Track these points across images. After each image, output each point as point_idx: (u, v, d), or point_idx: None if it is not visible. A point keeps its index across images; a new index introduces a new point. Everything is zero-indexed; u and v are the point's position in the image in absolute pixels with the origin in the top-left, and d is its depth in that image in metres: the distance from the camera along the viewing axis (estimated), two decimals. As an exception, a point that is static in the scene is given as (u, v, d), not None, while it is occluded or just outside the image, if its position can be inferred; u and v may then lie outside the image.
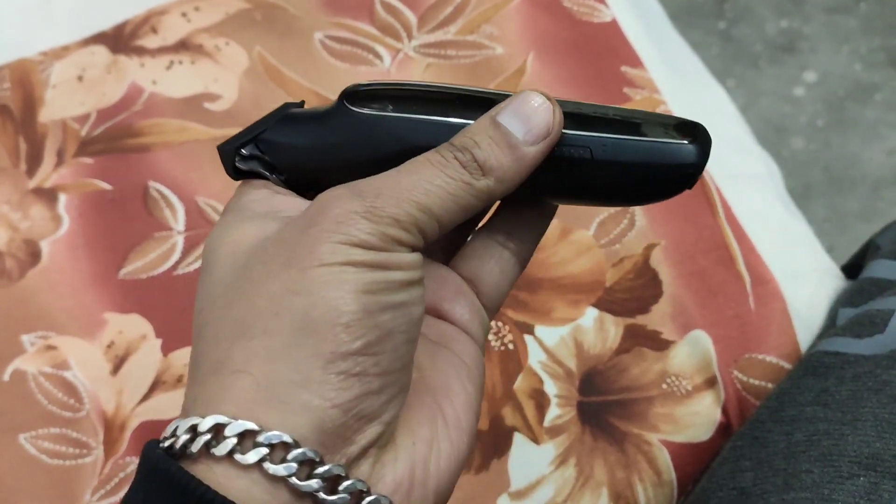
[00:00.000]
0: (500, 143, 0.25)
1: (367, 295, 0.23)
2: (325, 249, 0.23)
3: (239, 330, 0.24)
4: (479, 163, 0.25)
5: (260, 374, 0.23)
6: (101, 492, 0.40)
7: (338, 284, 0.23)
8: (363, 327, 0.23)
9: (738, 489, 0.36)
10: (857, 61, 1.11)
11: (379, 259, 0.23)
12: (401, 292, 0.24)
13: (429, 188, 0.24)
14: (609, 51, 0.51)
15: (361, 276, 0.23)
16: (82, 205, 0.46)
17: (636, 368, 0.43)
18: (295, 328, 0.23)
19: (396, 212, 0.24)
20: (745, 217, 0.47)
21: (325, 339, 0.23)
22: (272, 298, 0.23)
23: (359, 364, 0.23)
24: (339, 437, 0.23)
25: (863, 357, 0.38)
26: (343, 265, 0.23)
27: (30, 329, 0.43)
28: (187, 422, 0.23)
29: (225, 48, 0.50)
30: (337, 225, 0.23)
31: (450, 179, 0.24)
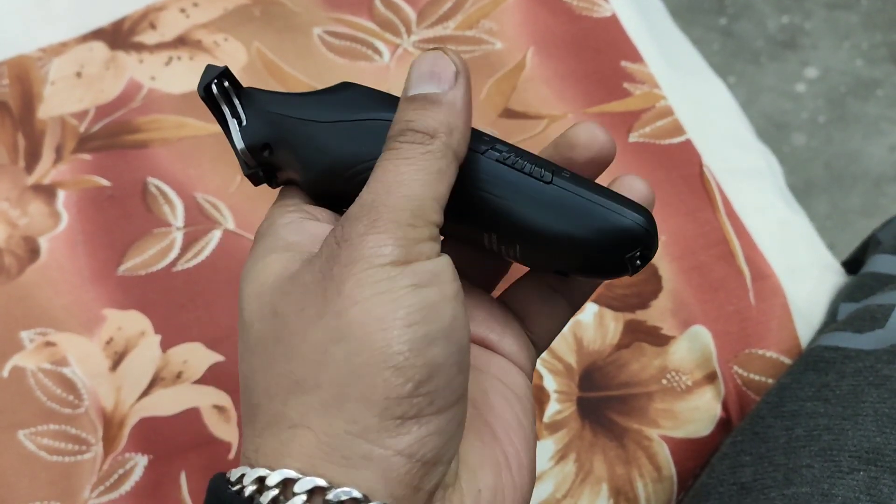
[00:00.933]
0: (425, 106, 0.25)
1: (410, 328, 0.23)
2: (350, 286, 0.23)
3: (291, 384, 0.23)
4: (422, 132, 0.25)
5: (319, 428, 0.23)
6: (101, 488, 0.40)
7: (377, 324, 0.23)
8: (412, 367, 0.23)
9: (738, 484, 0.36)
10: (858, 57, 1.10)
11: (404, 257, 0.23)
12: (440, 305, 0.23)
13: (402, 179, 0.24)
14: (609, 46, 0.50)
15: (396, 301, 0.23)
16: (81, 201, 0.46)
17: (636, 364, 0.43)
18: (344, 378, 0.23)
19: (394, 214, 0.24)
20: (746, 212, 0.47)
21: (375, 386, 0.22)
22: (316, 350, 0.23)
23: (414, 406, 0.23)
24: (407, 485, 0.23)
25: (863, 352, 0.38)
26: (374, 296, 0.23)
27: (29, 326, 0.43)
28: (255, 472, 0.23)
29: (224, 44, 0.50)
30: (352, 255, 0.23)
31: (410, 160, 0.25)
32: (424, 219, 0.24)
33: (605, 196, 0.26)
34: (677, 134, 0.48)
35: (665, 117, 0.49)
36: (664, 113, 0.49)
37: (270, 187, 0.29)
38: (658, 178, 0.47)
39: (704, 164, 0.47)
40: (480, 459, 0.25)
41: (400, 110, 0.26)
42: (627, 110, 0.49)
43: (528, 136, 0.48)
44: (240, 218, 0.46)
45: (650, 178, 0.47)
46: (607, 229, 0.26)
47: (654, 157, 0.48)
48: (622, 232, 0.26)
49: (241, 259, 0.45)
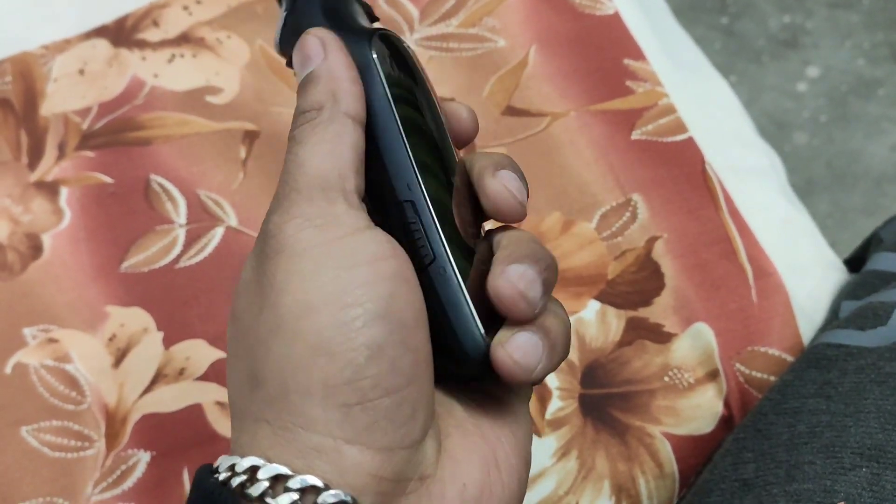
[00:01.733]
0: (306, 86, 0.26)
1: (341, 312, 0.22)
2: (280, 278, 0.23)
3: (249, 380, 0.24)
4: (308, 109, 0.26)
5: (273, 422, 0.23)
6: (103, 484, 0.40)
7: (307, 311, 0.23)
8: (347, 351, 0.22)
9: (740, 481, 0.36)
10: (859, 56, 1.10)
11: (325, 237, 0.23)
12: (372, 285, 0.23)
13: (302, 160, 0.25)
14: (611, 43, 0.50)
15: (323, 286, 0.23)
16: (84, 198, 0.46)
17: (638, 361, 0.43)
18: (283, 370, 0.23)
19: (305, 194, 0.24)
20: (748, 210, 0.47)
21: (312, 375, 0.22)
22: (260, 345, 0.23)
23: (356, 391, 0.22)
24: (364, 474, 0.22)
25: (866, 349, 0.38)
26: (301, 283, 0.23)
27: (31, 322, 0.43)
28: (229, 460, 0.23)
29: (226, 41, 0.50)
30: (275, 247, 0.24)
31: (306, 136, 0.25)
32: (337, 189, 0.24)
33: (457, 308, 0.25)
34: (679, 132, 0.48)
35: (667, 115, 0.49)
36: (666, 111, 0.49)
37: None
38: (660, 175, 0.47)
39: (707, 162, 0.47)
40: (467, 454, 0.25)
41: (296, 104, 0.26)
42: (630, 108, 0.49)
43: (530, 134, 0.48)
44: (242, 215, 0.46)
45: (652, 177, 0.47)
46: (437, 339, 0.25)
47: (656, 155, 0.48)
48: (445, 350, 0.25)
49: (243, 256, 0.45)
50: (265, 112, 0.48)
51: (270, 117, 0.48)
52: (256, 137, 0.48)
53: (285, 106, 0.49)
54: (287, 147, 0.26)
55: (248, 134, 0.48)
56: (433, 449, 0.24)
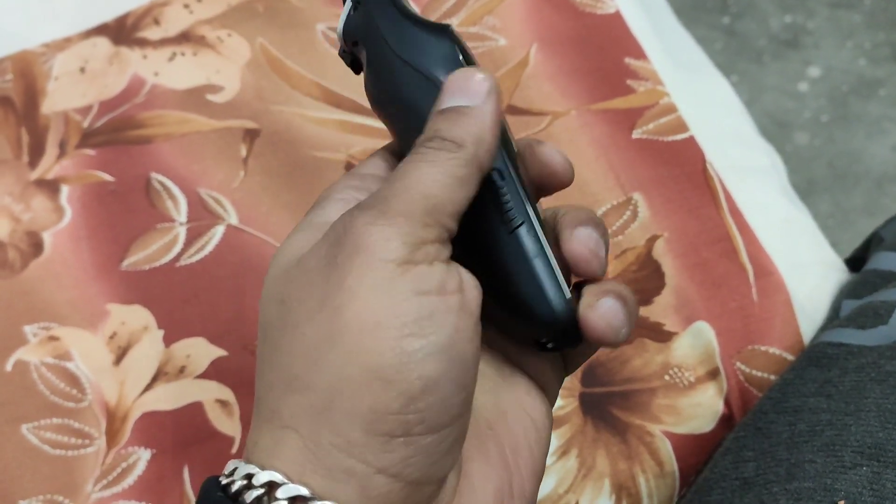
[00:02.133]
0: (455, 118, 0.25)
1: (406, 339, 0.22)
2: (352, 280, 0.22)
3: (286, 380, 0.23)
4: (448, 140, 0.25)
5: (306, 433, 0.22)
6: (104, 482, 0.40)
7: (372, 330, 0.22)
8: (403, 381, 0.22)
9: (740, 479, 0.36)
10: (861, 56, 1.10)
11: (409, 257, 0.23)
12: (441, 317, 0.22)
13: (421, 177, 0.24)
14: (612, 42, 0.50)
15: (394, 307, 0.22)
16: (84, 196, 0.46)
17: (638, 360, 0.43)
18: (333, 384, 0.22)
19: (406, 207, 0.23)
20: (749, 209, 0.47)
21: (363, 397, 0.22)
22: (310, 348, 0.22)
23: (402, 423, 0.22)
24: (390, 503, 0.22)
25: (866, 348, 0.38)
26: (372, 295, 0.22)
27: (32, 320, 0.43)
28: (246, 468, 0.22)
29: (227, 39, 0.50)
30: (356, 244, 0.23)
31: (434, 161, 0.24)
32: (437, 219, 0.24)
33: (546, 269, 0.26)
34: (680, 131, 0.48)
35: (668, 114, 0.49)
36: (667, 110, 0.49)
37: (354, 73, 0.29)
38: (661, 174, 0.47)
39: (707, 161, 0.47)
40: (484, 483, 0.25)
41: (430, 121, 0.26)
42: (631, 107, 0.49)
43: (532, 133, 0.48)
44: (243, 213, 0.46)
45: (653, 176, 0.47)
46: (523, 306, 0.26)
47: (657, 154, 0.48)
48: (533, 315, 0.26)
49: (244, 254, 0.45)
50: (266, 110, 0.48)
51: (271, 115, 0.48)
52: (257, 136, 0.48)
53: (286, 104, 0.49)
54: (410, 155, 0.25)
55: (248, 132, 0.48)
56: (455, 478, 0.24)
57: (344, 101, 0.49)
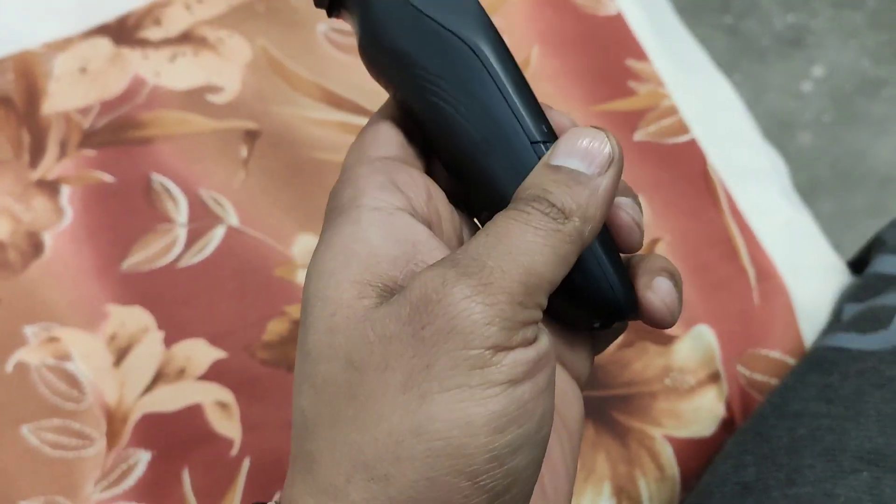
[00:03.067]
0: (568, 183, 0.23)
1: (498, 436, 0.20)
2: (442, 366, 0.20)
3: (358, 461, 0.21)
4: (558, 207, 0.23)
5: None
6: (104, 483, 0.40)
7: (464, 428, 0.20)
8: (492, 479, 0.21)
9: (740, 484, 0.36)
10: (864, 56, 1.10)
11: (506, 342, 0.21)
12: (532, 404, 0.21)
13: (527, 247, 0.22)
14: (614, 44, 0.50)
15: (487, 402, 0.20)
16: (85, 197, 0.46)
17: (639, 363, 0.42)
18: (417, 480, 0.20)
19: (508, 284, 0.21)
20: (750, 212, 0.47)
21: (450, 497, 0.20)
22: (393, 436, 0.21)
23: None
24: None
25: (867, 353, 0.38)
26: (463, 387, 0.20)
27: (32, 321, 0.43)
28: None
29: (228, 40, 0.50)
30: (451, 323, 0.21)
31: (540, 231, 0.22)
32: (535, 300, 0.22)
33: (604, 246, 0.25)
34: (682, 133, 0.48)
35: (669, 116, 0.48)
36: (669, 112, 0.49)
37: (327, 15, 0.26)
38: (662, 177, 0.47)
39: (709, 164, 0.47)
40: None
41: (538, 175, 0.23)
42: (632, 109, 0.49)
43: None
44: (243, 214, 0.46)
45: (654, 178, 0.47)
46: (584, 288, 0.25)
47: (658, 157, 0.47)
48: (594, 297, 0.25)
49: (244, 256, 0.45)
50: (266, 111, 0.48)
51: (272, 116, 0.48)
52: (258, 137, 0.48)
53: (286, 105, 0.49)
54: (512, 211, 0.23)
55: (249, 133, 0.48)
56: None
57: (345, 102, 0.49)
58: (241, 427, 0.41)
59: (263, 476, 0.41)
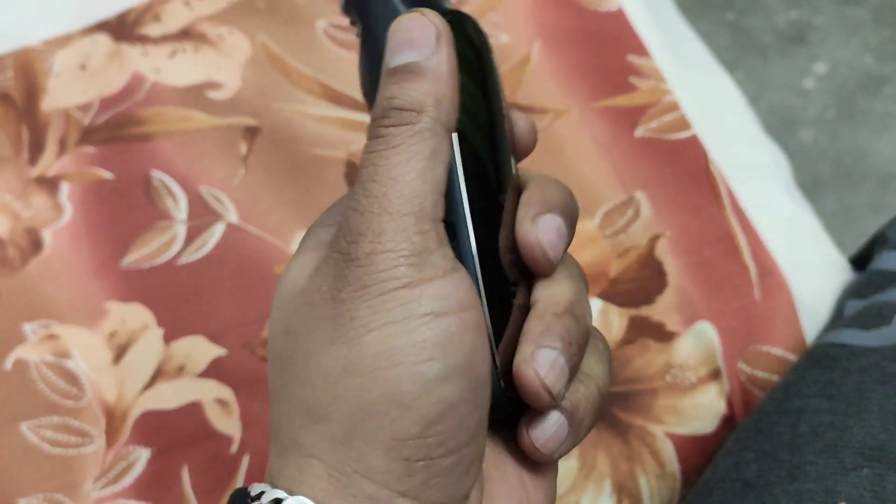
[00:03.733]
0: (407, 78, 0.23)
1: (424, 365, 0.21)
2: (364, 313, 0.22)
3: (304, 410, 0.22)
4: (407, 108, 0.23)
5: (329, 462, 0.22)
6: (103, 480, 0.40)
7: (390, 359, 0.21)
8: (422, 407, 0.21)
9: (741, 481, 0.36)
10: (867, 53, 1.10)
11: (419, 276, 0.22)
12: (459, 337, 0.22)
13: (397, 173, 0.22)
14: (615, 40, 0.50)
15: (412, 333, 0.21)
16: (84, 194, 0.46)
17: (640, 360, 0.42)
18: (353, 413, 0.22)
19: (399, 223, 0.22)
20: (752, 208, 0.46)
21: (383, 425, 0.21)
22: (328, 379, 0.22)
23: (422, 447, 0.22)
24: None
25: (869, 349, 0.38)
26: (388, 324, 0.21)
27: (32, 318, 0.43)
28: (274, 492, 0.22)
29: (228, 37, 0.50)
30: (362, 279, 0.22)
31: (399, 147, 0.22)
32: (430, 219, 0.22)
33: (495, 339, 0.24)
34: (683, 129, 0.48)
35: (671, 112, 0.48)
36: (670, 108, 0.48)
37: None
38: (663, 173, 0.47)
39: (710, 160, 0.47)
40: (507, 499, 0.24)
41: (381, 86, 0.23)
42: (633, 105, 0.48)
43: (533, 131, 0.48)
44: (243, 211, 0.46)
45: (656, 174, 0.47)
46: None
47: (659, 153, 0.47)
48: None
49: (244, 253, 0.45)
50: (266, 108, 0.48)
51: (271, 113, 0.48)
52: (257, 133, 0.48)
53: (286, 102, 0.48)
54: (370, 138, 0.23)
55: (248, 130, 0.48)
56: (476, 499, 0.24)
57: (345, 98, 0.48)
58: (241, 424, 0.41)
59: (263, 473, 0.40)
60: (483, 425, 0.23)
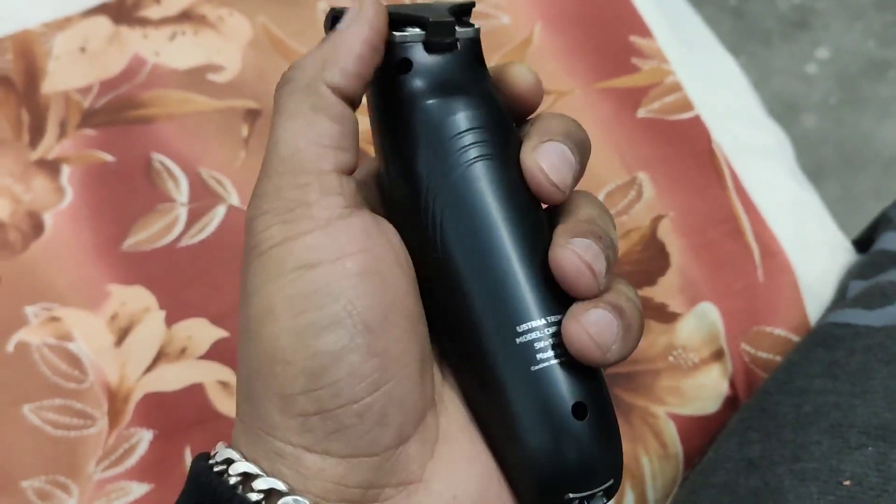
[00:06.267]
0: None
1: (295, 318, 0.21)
2: (251, 276, 0.23)
3: (238, 375, 0.24)
4: (288, 73, 0.24)
5: (246, 419, 0.23)
6: (106, 462, 0.40)
7: (267, 317, 0.22)
8: (300, 360, 0.21)
9: (745, 460, 0.36)
10: (870, 38, 1.09)
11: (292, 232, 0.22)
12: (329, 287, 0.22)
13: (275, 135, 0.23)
14: (617, 20, 0.50)
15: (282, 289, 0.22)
16: (85, 177, 0.46)
17: (642, 341, 0.42)
18: (249, 374, 0.23)
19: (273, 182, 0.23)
20: (755, 189, 0.46)
21: (269, 383, 0.22)
22: (238, 343, 0.24)
23: (314, 401, 0.21)
24: (327, 480, 0.22)
25: (873, 328, 0.38)
26: (265, 284, 0.22)
27: (33, 301, 0.43)
28: (223, 450, 0.23)
29: (228, 19, 0.50)
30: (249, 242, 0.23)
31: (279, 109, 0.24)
32: (311, 172, 0.22)
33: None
34: (686, 110, 0.48)
35: (673, 93, 0.48)
36: (673, 88, 0.48)
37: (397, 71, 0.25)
38: (666, 154, 0.46)
39: (713, 141, 0.47)
40: (468, 464, 0.23)
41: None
42: (636, 86, 0.48)
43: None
44: (244, 194, 0.46)
45: (658, 155, 0.46)
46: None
47: (662, 134, 0.47)
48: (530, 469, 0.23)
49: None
50: (267, 90, 0.48)
51: (272, 96, 0.48)
52: (258, 116, 0.47)
53: (287, 84, 0.48)
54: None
55: (249, 112, 0.47)
56: (420, 453, 0.23)
57: (346, 80, 0.48)
58: (243, 406, 0.41)
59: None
60: (392, 372, 0.22)
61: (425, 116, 0.23)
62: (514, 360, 0.22)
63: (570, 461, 0.22)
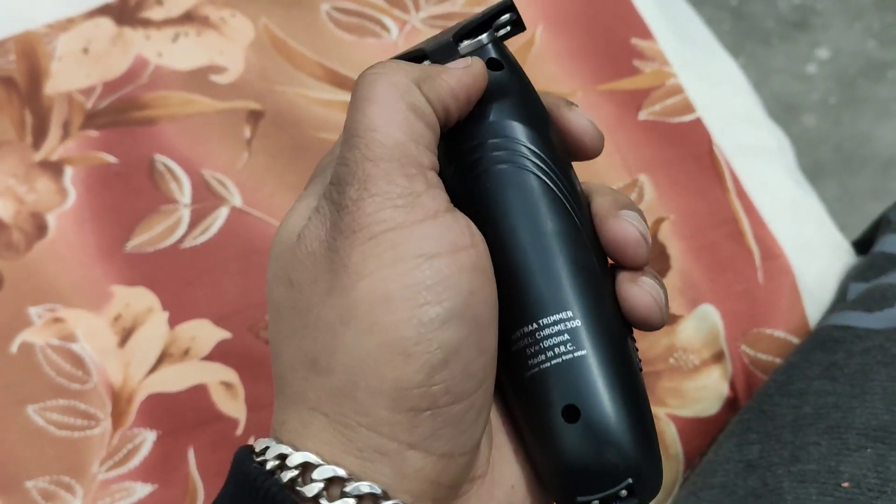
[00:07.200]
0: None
1: (420, 309, 0.21)
2: (356, 259, 0.21)
3: (307, 363, 0.22)
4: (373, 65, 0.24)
5: (333, 416, 0.21)
6: (109, 462, 0.40)
7: (384, 305, 0.21)
8: (423, 353, 0.21)
9: (744, 461, 0.36)
10: (870, 38, 1.09)
11: (408, 218, 0.21)
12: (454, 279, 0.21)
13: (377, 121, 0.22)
14: (619, 22, 0.50)
15: (403, 277, 0.21)
16: (88, 178, 0.46)
17: (643, 342, 0.42)
18: (353, 365, 0.21)
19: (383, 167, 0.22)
20: (755, 191, 0.46)
21: (385, 375, 0.21)
22: (327, 330, 0.21)
23: (427, 396, 0.21)
24: (424, 479, 0.21)
25: (873, 331, 0.38)
26: (379, 269, 0.21)
27: (37, 301, 0.43)
28: (278, 448, 0.22)
29: (230, 20, 0.50)
30: (351, 225, 0.21)
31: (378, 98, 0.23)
32: (414, 164, 0.22)
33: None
34: (687, 112, 0.48)
35: (675, 95, 0.48)
36: (674, 91, 0.48)
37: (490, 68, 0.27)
38: (667, 156, 0.47)
39: (714, 143, 0.47)
40: (514, 454, 0.24)
41: None
42: (637, 88, 0.48)
43: (537, 114, 0.47)
44: (247, 195, 0.46)
45: (659, 157, 0.47)
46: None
47: (663, 136, 0.47)
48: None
49: (248, 236, 0.45)
50: (270, 91, 0.48)
51: (275, 97, 0.48)
52: (261, 117, 0.48)
53: (290, 85, 0.48)
54: (353, 93, 0.23)
55: (252, 113, 0.48)
56: (486, 447, 0.23)
57: (348, 81, 0.48)
58: (246, 407, 0.41)
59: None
60: (490, 371, 0.22)
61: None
62: (509, 368, 0.23)
63: (566, 465, 0.23)
